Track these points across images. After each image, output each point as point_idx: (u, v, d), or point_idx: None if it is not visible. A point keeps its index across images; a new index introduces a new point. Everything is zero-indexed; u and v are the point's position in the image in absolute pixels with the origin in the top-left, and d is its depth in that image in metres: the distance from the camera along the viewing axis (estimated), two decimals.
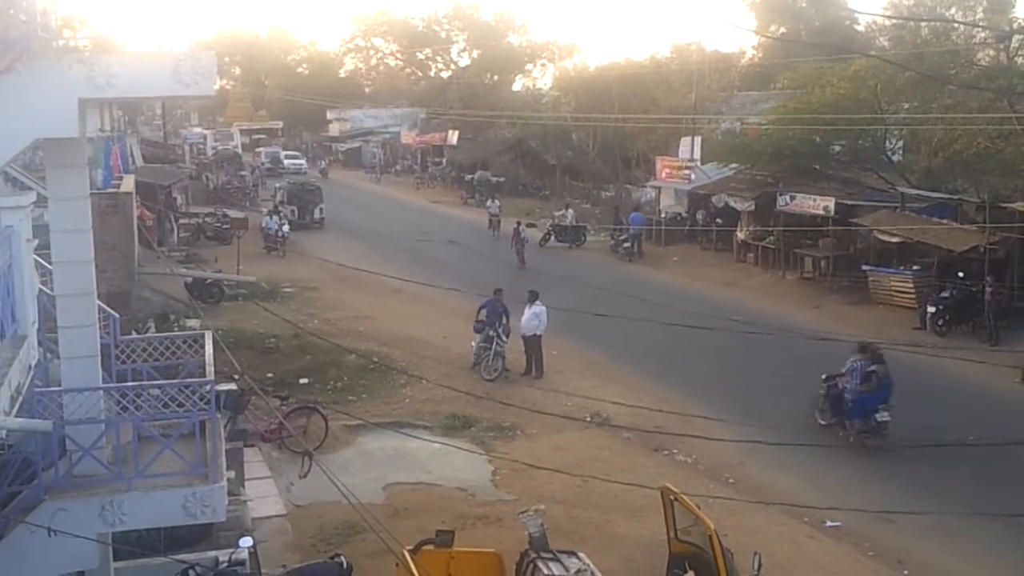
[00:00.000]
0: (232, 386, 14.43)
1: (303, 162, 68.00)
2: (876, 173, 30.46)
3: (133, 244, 22.54)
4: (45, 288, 9.31)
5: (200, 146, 63.67)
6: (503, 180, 51.36)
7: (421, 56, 78.46)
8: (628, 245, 34.69)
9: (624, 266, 33.57)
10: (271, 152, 67.82)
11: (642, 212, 37.81)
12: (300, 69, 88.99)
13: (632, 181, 45.72)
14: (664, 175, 38.72)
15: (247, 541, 10.02)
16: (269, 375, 19.25)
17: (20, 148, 7.82)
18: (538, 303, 20.68)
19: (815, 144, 30.44)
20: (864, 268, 26.61)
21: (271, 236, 34.75)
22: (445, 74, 77.31)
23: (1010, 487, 14.22)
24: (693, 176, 36.43)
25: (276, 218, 35.81)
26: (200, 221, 37.44)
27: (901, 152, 32.65)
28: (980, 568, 12.47)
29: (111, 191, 23.24)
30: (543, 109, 54.43)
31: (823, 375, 17.23)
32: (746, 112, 41.96)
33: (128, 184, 25.33)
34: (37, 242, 9.15)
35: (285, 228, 35.47)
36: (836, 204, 28.16)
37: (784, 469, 15.33)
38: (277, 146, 72.91)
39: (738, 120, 40.94)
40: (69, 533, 7.27)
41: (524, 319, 20.60)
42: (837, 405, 16.76)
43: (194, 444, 8.07)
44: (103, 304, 9.52)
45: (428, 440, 15.71)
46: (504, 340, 20.35)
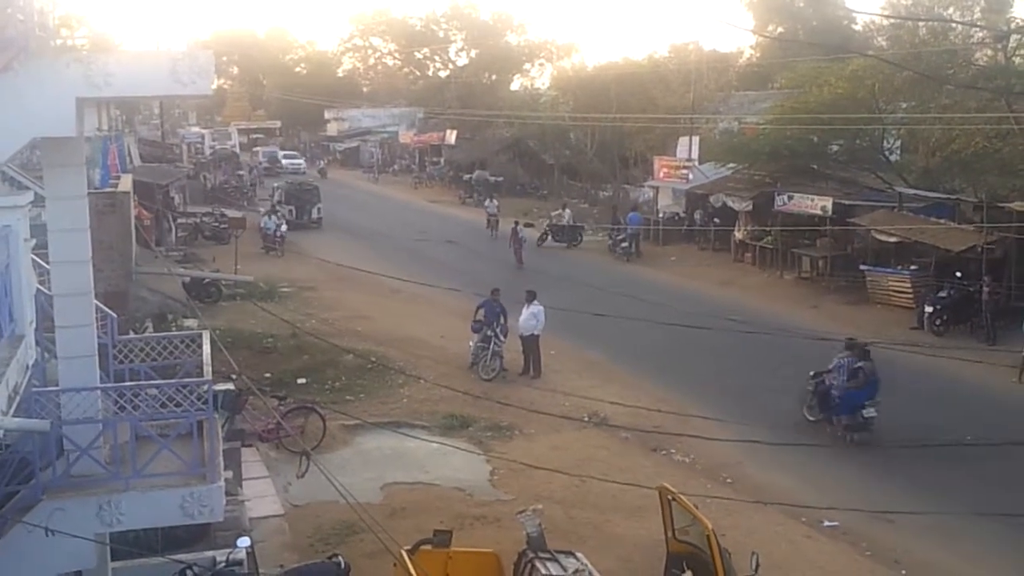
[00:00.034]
0: (230, 386, 14.41)
1: (302, 162, 67.98)
2: (874, 173, 30.50)
3: (131, 244, 22.54)
4: (43, 288, 9.31)
5: (198, 145, 63.64)
6: (501, 180, 51.37)
7: (419, 56, 78.44)
8: (626, 245, 34.70)
9: (622, 266, 33.58)
10: (269, 151, 67.85)
11: (640, 212, 37.93)
12: (298, 69, 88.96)
13: (630, 181, 45.75)
14: (662, 175, 38.77)
15: (245, 541, 10.01)
16: (267, 375, 19.22)
17: (17, 147, 7.81)
18: (536, 303, 20.67)
19: (813, 144, 30.49)
20: (862, 268, 26.65)
21: (269, 236, 34.73)
22: (443, 74, 77.33)
23: (1008, 487, 14.23)
24: (691, 176, 36.48)
25: (274, 218, 35.79)
26: (198, 221, 37.40)
27: (899, 152, 32.67)
28: (978, 568, 12.47)
29: (109, 190, 23.20)
30: (541, 109, 54.49)
31: (811, 372, 17.47)
32: (744, 112, 41.96)
33: (126, 183, 25.31)
34: (35, 241, 9.15)
35: (283, 228, 35.46)
36: (834, 204, 28.18)
37: (782, 469, 15.34)
38: (275, 146, 72.93)
39: (736, 120, 40.92)
40: (67, 533, 7.27)
41: (522, 319, 20.59)
42: (824, 401, 17.02)
43: (192, 444, 8.06)
44: (100, 304, 9.52)
45: (426, 440, 15.68)
46: (502, 340, 20.34)
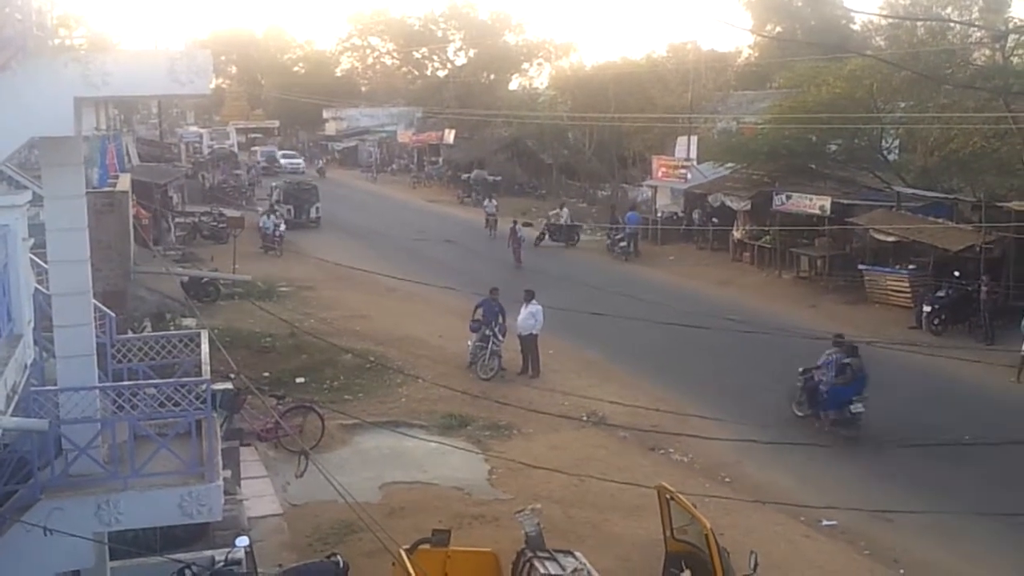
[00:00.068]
0: (228, 385, 14.45)
1: (301, 161, 67.94)
2: (872, 172, 30.52)
3: (129, 243, 22.52)
4: (41, 287, 9.31)
5: (196, 145, 63.61)
6: (499, 179, 51.36)
7: (417, 55, 78.40)
8: (624, 244, 34.71)
9: (620, 265, 33.58)
10: (267, 151, 67.80)
11: (638, 211, 37.97)
12: (296, 68, 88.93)
13: (628, 180, 45.75)
14: (660, 174, 38.77)
15: (243, 540, 10.01)
16: (265, 374, 19.22)
17: (16, 147, 7.81)
18: (534, 302, 20.66)
19: (811, 143, 30.50)
20: (860, 267, 26.65)
21: (268, 236, 34.67)
22: (441, 73, 77.30)
23: (1007, 486, 14.25)
24: (689, 175, 36.48)
25: (273, 217, 35.75)
26: (196, 220, 37.37)
27: (897, 151, 32.70)
28: (977, 567, 12.48)
29: (107, 190, 23.18)
30: (539, 108, 54.50)
31: (800, 368, 17.65)
32: (742, 111, 41.98)
33: (124, 183, 25.29)
34: (33, 241, 9.15)
35: (281, 227, 35.43)
36: (832, 203, 28.20)
37: (780, 468, 15.35)
38: (273, 145, 72.89)
39: (734, 119, 40.97)
40: (65, 532, 7.27)
41: (520, 318, 20.59)
42: (813, 397, 17.27)
43: (190, 443, 8.06)
44: (99, 303, 9.52)
45: (424, 439, 15.68)
46: (500, 339, 20.34)
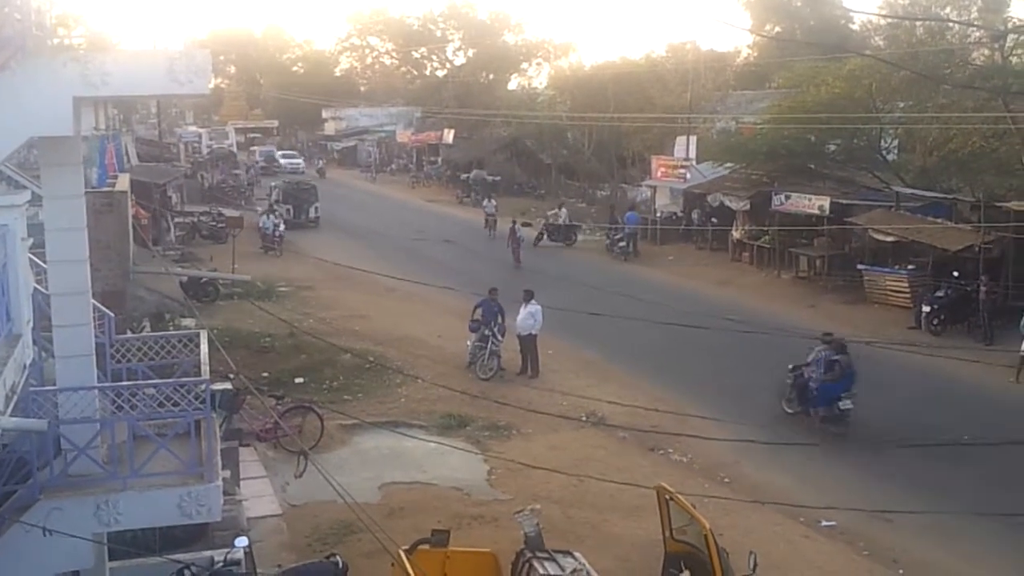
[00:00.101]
0: (227, 385, 14.45)
1: (300, 161, 67.86)
2: (871, 172, 30.53)
3: (128, 243, 22.51)
4: (40, 287, 9.30)
5: (195, 145, 63.55)
6: (499, 179, 51.33)
7: (416, 55, 78.42)
8: (623, 244, 34.70)
9: (619, 265, 33.58)
10: (266, 151, 67.74)
11: (638, 211, 37.97)
12: (295, 68, 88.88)
13: (628, 180, 45.73)
14: (660, 174, 38.76)
15: (242, 541, 10.01)
16: (264, 374, 19.21)
17: (15, 146, 7.80)
18: (533, 302, 20.66)
19: (810, 143, 30.50)
20: (859, 267, 26.65)
21: (268, 236, 34.63)
22: (441, 73, 77.30)
23: (1006, 486, 14.25)
24: (688, 175, 36.48)
25: (272, 217, 35.71)
26: (195, 220, 37.36)
27: (896, 151, 32.72)
28: (976, 567, 12.48)
29: (106, 190, 23.16)
30: (538, 108, 54.47)
31: (790, 365, 17.79)
32: (741, 111, 41.99)
33: (123, 183, 25.27)
34: (32, 241, 9.15)
35: (281, 227, 35.41)
36: (831, 203, 28.21)
37: (779, 468, 15.35)
38: (272, 145, 72.83)
39: (733, 119, 40.97)
40: (64, 533, 7.26)
41: (519, 318, 20.58)
42: (803, 394, 17.45)
43: (189, 444, 8.04)
44: (98, 303, 9.50)
45: (424, 439, 15.69)
46: (499, 339, 20.33)
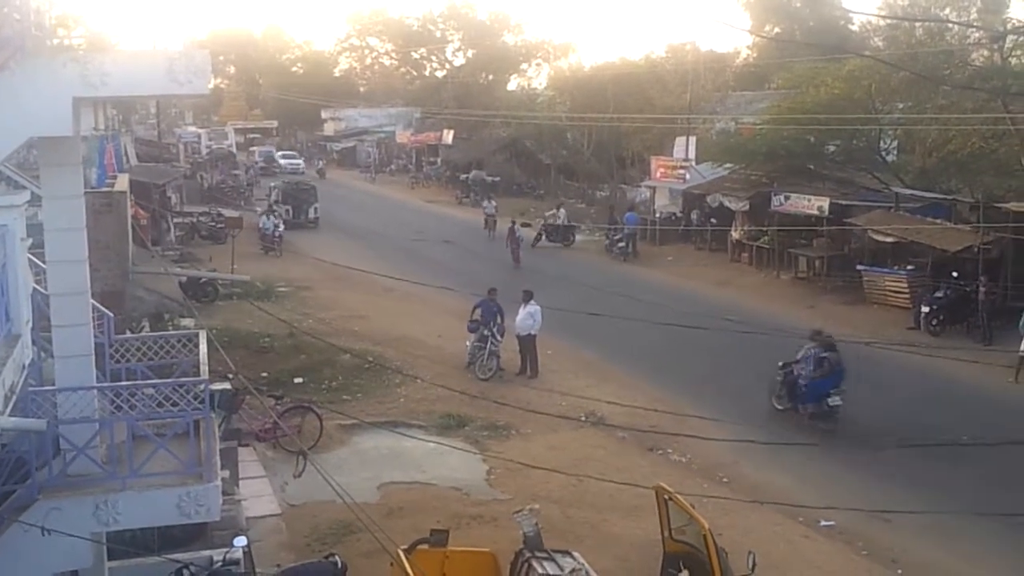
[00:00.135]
0: (226, 385, 14.46)
1: (300, 162, 67.80)
2: (870, 173, 30.53)
3: (127, 243, 22.50)
4: (39, 287, 9.30)
5: (194, 145, 63.52)
6: (498, 180, 51.31)
7: (416, 55, 78.39)
8: (623, 245, 34.71)
9: (619, 266, 33.58)
10: (265, 151, 67.71)
11: (637, 212, 37.96)
12: (295, 68, 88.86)
13: (627, 181, 45.73)
14: (659, 175, 38.77)
15: (241, 540, 10.01)
16: (263, 374, 19.20)
17: (14, 147, 7.81)
18: (532, 302, 20.66)
19: (809, 144, 30.49)
20: (858, 268, 26.65)
21: (268, 236, 34.60)
22: (440, 73, 77.27)
23: (1005, 486, 14.25)
24: (688, 176, 36.48)
25: (272, 218, 35.69)
26: (194, 220, 37.34)
27: (895, 152, 32.73)
28: (976, 567, 12.49)
29: (105, 190, 23.17)
30: (538, 109, 54.46)
31: (780, 362, 17.92)
32: (741, 112, 42.02)
33: (122, 183, 25.26)
34: (31, 241, 9.16)
35: (280, 228, 35.39)
36: (830, 204, 28.21)
37: (778, 468, 15.36)
38: (271, 145, 72.81)
39: (733, 120, 40.97)
40: (63, 532, 7.27)
41: (519, 318, 20.58)
42: (792, 390, 17.61)
43: (188, 443, 8.04)
44: (97, 303, 9.51)
45: (423, 439, 15.69)
46: (499, 339, 20.33)
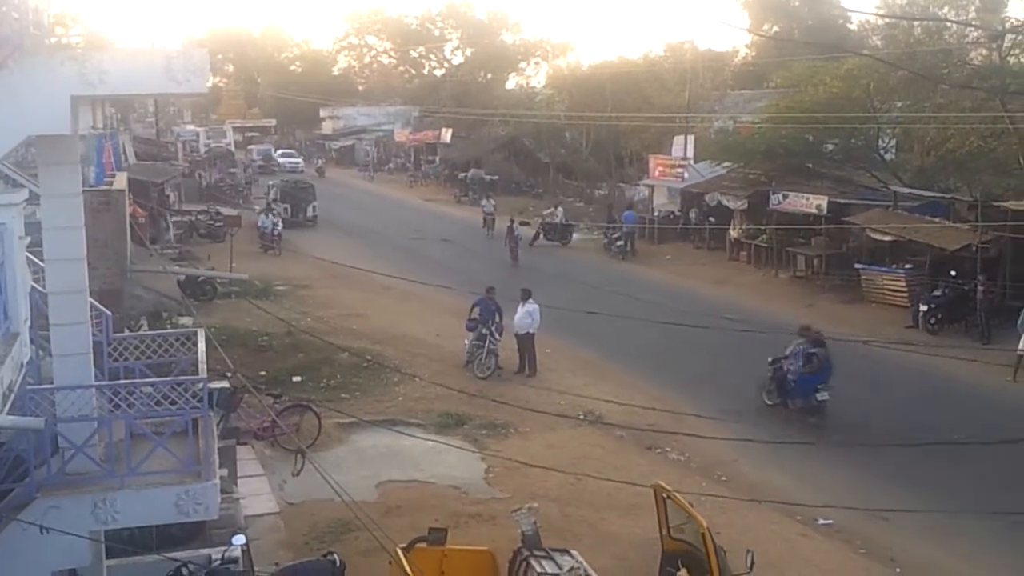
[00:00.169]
0: (225, 384, 14.44)
1: (300, 160, 67.75)
2: (869, 172, 30.53)
3: (125, 241, 22.49)
4: (37, 285, 9.31)
5: (193, 144, 63.40)
6: (496, 178, 51.33)
7: (414, 54, 78.39)
8: (621, 243, 34.73)
9: (617, 264, 33.60)
10: (263, 150, 67.69)
11: (635, 210, 37.97)
12: (293, 67, 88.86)
13: (625, 179, 45.76)
14: (657, 173, 38.78)
15: (240, 539, 10.02)
16: (262, 373, 19.19)
17: (12, 145, 7.81)
18: (531, 301, 20.66)
19: (808, 143, 30.51)
20: (857, 266, 26.66)
21: (267, 235, 34.55)
22: (438, 72, 77.32)
23: (1003, 485, 14.28)
24: (686, 175, 36.48)
25: (271, 216, 35.64)
26: (193, 218, 37.32)
27: (894, 151, 32.73)
28: (974, 566, 12.50)
29: (103, 188, 23.15)
30: (536, 107, 54.51)
31: (769, 358, 18.10)
32: (739, 111, 42.01)
33: (121, 181, 25.26)
34: (29, 239, 9.16)
35: (279, 227, 35.34)
36: (829, 203, 28.23)
37: (777, 467, 15.38)
38: (269, 144, 72.77)
39: (731, 119, 41.00)
40: (61, 531, 7.28)
41: (517, 317, 20.58)
42: (781, 386, 17.84)
43: (187, 442, 8.04)
44: (95, 302, 9.50)
45: (421, 438, 15.69)
46: (497, 338, 20.33)
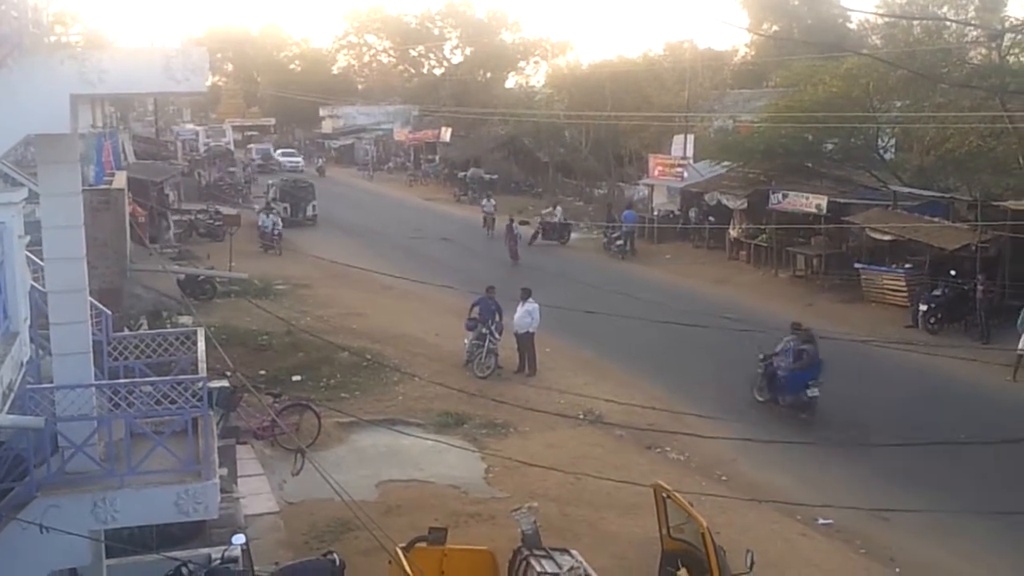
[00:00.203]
0: (224, 383, 14.43)
1: (300, 160, 67.67)
2: (868, 171, 30.54)
3: (125, 240, 22.48)
4: (37, 284, 9.30)
5: (192, 142, 63.35)
6: (496, 177, 51.28)
7: (414, 53, 78.39)
8: (621, 243, 34.72)
9: (617, 264, 33.60)
10: (262, 148, 67.65)
11: (635, 210, 37.97)
12: (293, 66, 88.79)
13: (625, 179, 45.76)
14: (657, 173, 38.77)
15: (240, 538, 10.01)
16: (262, 372, 19.19)
17: (12, 144, 7.80)
18: (531, 300, 20.67)
19: (807, 142, 30.52)
20: (856, 266, 26.66)
21: (266, 234, 34.49)
22: (438, 71, 77.33)
23: (1003, 485, 14.29)
24: (686, 174, 36.48)
25: (271, 216, 35.60)
26: (193, 218, 37.29)
27: (893, 150, 32.74)
28: (974, 566, 12.51)
29: (103, 187, 23.13)
30: (536, 106, 54.52)
31: (760, 354, 18.19)
32: (739, 110, 42.00)
33: (120, 180, 25.25)
34: (29, 238, 9.15)
35: (279, 226, 35.31)
36: (828, 202, 28.22)
37: (776, 467, 15.38)
38: (268, 143, 72.74)
39: (731, 118, 40.99)
40: (61, 530, 7.27)
41: (517, 316, 20.58)
42: (772, 382, 18.00)
43: (186, 441, 8.03)
44: (95, 301, 9.49)
45: (421, 437, 15.69)
46: (497, 337, 20.33)
